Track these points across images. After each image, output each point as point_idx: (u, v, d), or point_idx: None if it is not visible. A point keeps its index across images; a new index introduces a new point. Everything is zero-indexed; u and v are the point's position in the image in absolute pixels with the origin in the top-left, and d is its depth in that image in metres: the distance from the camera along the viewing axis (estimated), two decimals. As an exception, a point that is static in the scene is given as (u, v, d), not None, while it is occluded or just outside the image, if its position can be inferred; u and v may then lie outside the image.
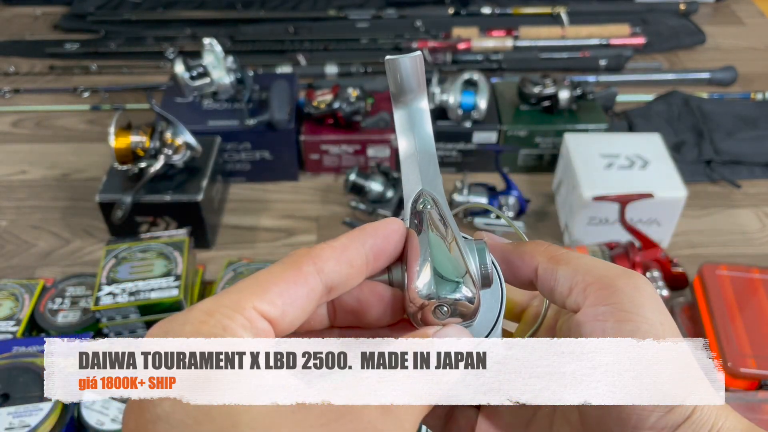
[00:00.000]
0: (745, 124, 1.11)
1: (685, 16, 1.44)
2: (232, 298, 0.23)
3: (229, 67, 1.01)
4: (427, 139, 0.31)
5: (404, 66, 0.29)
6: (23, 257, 0.92)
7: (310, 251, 0.25)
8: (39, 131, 1.16)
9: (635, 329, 0.25)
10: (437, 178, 0.30)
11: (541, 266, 0.28)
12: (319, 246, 0.26)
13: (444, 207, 0.29)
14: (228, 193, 1.02)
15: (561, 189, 0.97)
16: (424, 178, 0.30)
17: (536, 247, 0.29)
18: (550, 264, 0.28)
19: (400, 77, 0.29)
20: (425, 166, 0.31)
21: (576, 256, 0.28)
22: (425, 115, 0.31)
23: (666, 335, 0.25)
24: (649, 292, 0.26)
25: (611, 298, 0.26)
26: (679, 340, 0.23)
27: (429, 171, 0.30)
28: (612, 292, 0.26)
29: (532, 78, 1.03)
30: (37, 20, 1.48)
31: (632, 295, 0.25)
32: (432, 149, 0.31)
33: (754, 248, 0.92)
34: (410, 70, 0.29)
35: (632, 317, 0.25)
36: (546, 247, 0.29)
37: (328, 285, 0.25)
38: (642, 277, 0.27)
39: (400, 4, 1.43)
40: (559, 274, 0.28)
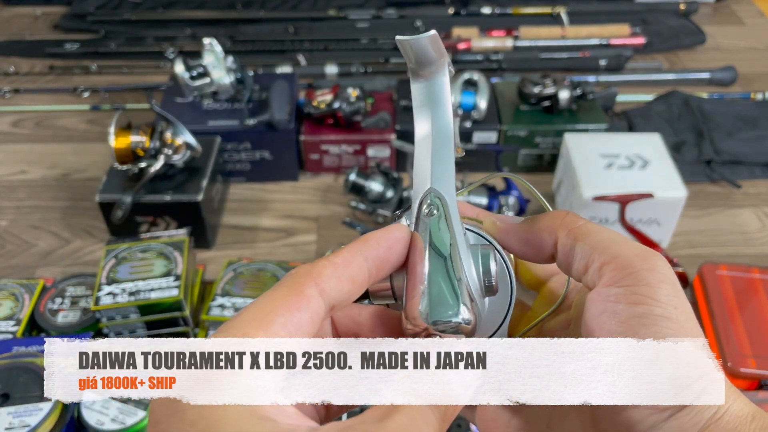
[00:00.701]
0: (745, 124, 1.11)
1: (685, 16, 1.44)
2: (239, 334, 0.23)
3: (229, 67, 1.01)
4: (446, 119, 0.29)
5: (419, 44, 0.27)
6: (23, 257, 0.92)
7: (311, 271, 0.25)
8: (39, 131, 1.16)
9: (647, 312, 0.24)
10: (449, 167, 0.29)
11: (560, 242, 0.28)
12: (321, 263, 0.25)
13: (451, 208, 0.28)
14: (228, 193, 1.02)
15: (561, 189, 0.97)
16: (435, 170, 0.29)
17: (553, 221, 0.29)
18: (568, 239, 0.28)
19: (414, 54, 0.27)
20: (439, 154, 0.29)
21: (595, 230, 0.27)
22: (445, 90, 0.29)
23: (680, 319, 0.24)
24: (665, 273, 0.25)
25: (625, 280, 0.25)
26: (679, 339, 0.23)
27: (443, 160, 0.29)
28: (627, 274, 0.25)
29: (532, 78, 1.03)
30: (37, 20, 1.48)
31: (647, 276, 0.25)
32: (449, 131, 0.29)
33: (754, 248, 0.92)
34: (427, 47, 0.27)
35: (645, 300, 0.24)
36: (563, 218, 0.29)
37: (330, 304, 0.25)
38: (660, 257, 0.26)
39: (400, 4, 1.43)
40: (577, 250, 0.27)
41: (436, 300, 0.26)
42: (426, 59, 0.27)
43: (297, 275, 0.25)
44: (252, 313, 0.24)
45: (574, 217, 0.28)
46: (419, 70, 0.28)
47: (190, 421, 0.21)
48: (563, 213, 0.28)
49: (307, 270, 0.25)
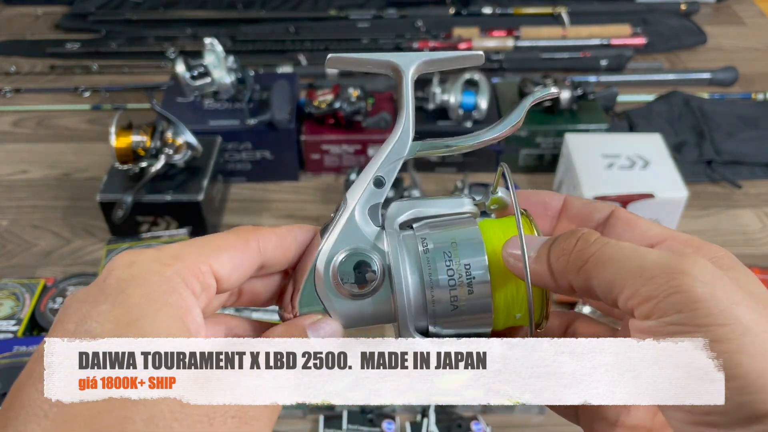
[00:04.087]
0: (745, 124, 1.11)
1: (686, 17, 1.44)
2: (195, 251, 0.26)
3: (230, 66, 1.01)
4: (405, 126, 0.31)
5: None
6: (24, 257, 0.92)
7: (257, 230, 0.28)
8: (40, 131, 1.16)
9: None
10: (364, 176, 0.30)
11: (575, 284, 0.26)
12: (265, 229, 0.29)
13: (343, 214, 0.30)
14: (229, 192, 1.02)
15: (562, 189, 0.97)
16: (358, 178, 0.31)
17: (562, 263, 0.26)
18: (581, 281, 0.25)
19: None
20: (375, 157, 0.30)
21: (606, 258, 0.25)
22: (409, 95, 0.30)
23: (735, 319, 0.22)
24: (695, 289, 0.22)
25: (657, 312, 0.22)
26: (679, 339, 0.23)
27: (366, 169, 0.30)
28: (655, 306, 0.23)
29: (533, 78, 1.03)
30: (38, 20, 1.48)
31: (677, 302, 0.22)
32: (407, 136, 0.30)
33: (755, 248, 0.92)
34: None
35: (684, 329, 0.22)
36: (571, 253, 0.26)
37: (263, 263, 0.28)
38: (687, 263, 0.23)
39: (401, 4, 1.43)
40: (596, 290, 0.25)
41: (302, 295, 0.29)
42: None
43: (244, 230, 0.28)
44: (206, 242, 0.27)
45: (583, 244, 0.26)
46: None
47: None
48: (571, 244, 0.26)
49: (254, 228, 0.28)
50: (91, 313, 0.23)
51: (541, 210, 0.31)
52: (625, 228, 0.28)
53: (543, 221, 0.31)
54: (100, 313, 0.23)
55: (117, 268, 0.24)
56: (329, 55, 0.30)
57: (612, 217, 0.29)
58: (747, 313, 0.22)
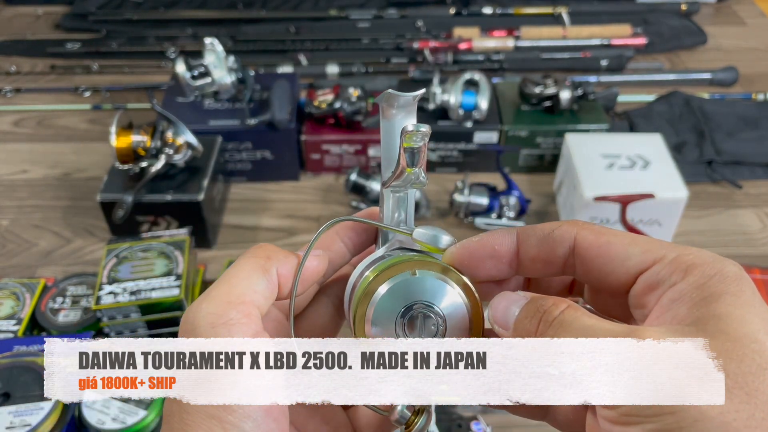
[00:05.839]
0: (746, 124, 1.11)
1: (687, 17, 1.44)
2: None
3: (231, 66, 1.01)
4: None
5: (404, 100, 0.30)
6: (24, 256, 0.92)
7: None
8: (40, 130, 1.16)
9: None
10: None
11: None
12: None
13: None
14: (229, 192, 1.02)
15: (562, 189, 0.97)
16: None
17: (570, 226, 0.27)
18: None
19: (392, 103, 0.31)
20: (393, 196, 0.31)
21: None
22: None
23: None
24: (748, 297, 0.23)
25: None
26: (679, 339, 0.23)
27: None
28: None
29: (534, 78, 1.03)
30: (39, 20, 1.48)
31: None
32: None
33: (755, 249, 0.92)
34: (409, 102, 0.30)
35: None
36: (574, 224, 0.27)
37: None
38: (734, 275, 0.23)
39: (401, 4, 1.43)
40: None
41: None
42: (403, 107, 0.30)
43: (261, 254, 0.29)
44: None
45: (544, 327, 0.26)
46: (391, 112, 0.31)
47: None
48: (534, 325, 0.26)
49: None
50: None
51: (492, 264, 0.28)
52: (597, 261, 0.26)
53: (501, 272, 0.29)
54: None
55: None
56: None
57: (578, 248, 0.27)
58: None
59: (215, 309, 0.25)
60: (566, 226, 0.27)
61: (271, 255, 0.29)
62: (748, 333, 0.22)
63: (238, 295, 0.26)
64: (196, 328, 0.25)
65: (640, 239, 0.26)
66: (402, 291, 0.27)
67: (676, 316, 0.23)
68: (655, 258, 0.25)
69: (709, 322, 0.22)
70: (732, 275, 0.23)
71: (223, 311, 0.25)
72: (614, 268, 0.26)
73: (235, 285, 0.26)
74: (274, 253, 0.29)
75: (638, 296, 0.25)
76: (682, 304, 0.23)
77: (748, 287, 0.23)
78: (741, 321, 0.22)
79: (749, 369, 0.21)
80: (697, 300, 0.23)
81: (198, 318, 0.25)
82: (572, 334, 0.24)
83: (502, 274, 0.29)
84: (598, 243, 0.26)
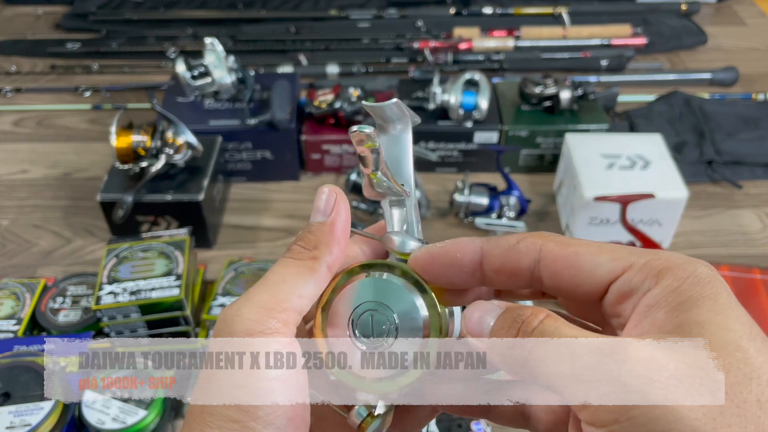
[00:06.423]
0: (746, 124, 1.11)
1: (687, 17, 1.44)
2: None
3: (231, 66, 1.01)
4: (407, 172, 0.31)
5: (384, 110, 0.29)
6: (24, 256, 0.92)
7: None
8: (40, 130, 1.16)
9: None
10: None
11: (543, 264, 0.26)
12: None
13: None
14: (229, 192, 1.02)
15: (562, 189, 0.97)
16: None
17: (534, 239, 0.26)
18: (529, 377, 0.24)
19: (380, 116, 0.29)
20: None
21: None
22: (408, 145, 0.30)
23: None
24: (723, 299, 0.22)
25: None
26: (679, 339, 0.23)
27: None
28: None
29: (534, 78, 1.03)
30: (39, 19, 1.48)
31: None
32: (410, 182, 0.30)
33: (756, 249, 0.92)
34: (392, 111, 0.29)
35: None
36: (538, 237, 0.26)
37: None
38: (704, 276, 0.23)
39: (402, 4, 1.43)
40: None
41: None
42: (390, 119, 0.30)
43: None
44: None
45: (522, 337, 0.25)
46: (386, 126, 0.30)
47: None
48: (512, 335, 0.25)
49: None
50: None
51: (453, 273, 0.27)
52: (566, 273, 0.25)
53: (463, 282, 0.28)
54: None
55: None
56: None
57: (544, 260, 0.26)
58: (686, 397, 0.21)
59: (255, 315, 0.25)
60: (531, 239, 0.26)
61: (318, 255, 0.28)
62: (731, 341, 0.21)
63: (279, 301, 0.25)
64: (232, 333, 0.25)
65: (607, 247, 0.25)
66: (355, 293, 0.27)
67: (655, 323, 0.23)
68: (625, 266, 0.24)
69: (692, 329, 0.22)
70: (705, 277, 0.23)
71: (262, 318, 0.25)
72: (583, 279, 0.25)
73: (278, 291, 0.26)
74: (321, 247, 0.28)
75: (612, 305, 0.25)
76: (659, 310, 0.23)
77: (723, 289, 0.23)
78: (723, 328, 0.22)
79: (735, 379, 0.21)
80: (674, 305, 0.23)
81: (236, 323, 0.25)
82: (553, 349, 0.23)
83: (465, 284, 0.28)
84: (564, 254, 0.25)
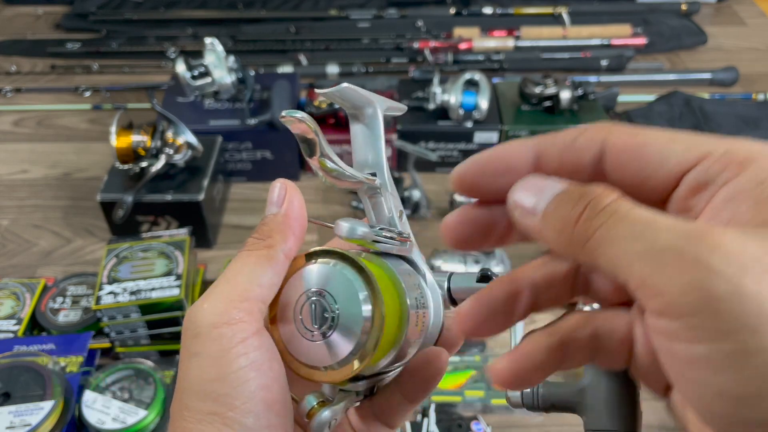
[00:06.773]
0: (746, 124, 1.11)
1: (687, 17, 1.44)
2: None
3: (231, 66, 1.01)
4: (380, 157, 0.31)
5: (343, 93, 0.29)
6: (24, 256, 0.92)
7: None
8: (40, 130, 1.16)
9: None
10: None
11: (582, 262, 0.22)
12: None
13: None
14: (229, 192, 1.02)
15: (562, 189, 0.97)
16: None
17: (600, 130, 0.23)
18: (586, 260, 0.21)
19: (346, 101, 0.30)
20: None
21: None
22: (379, 131, 0.31)
23: None
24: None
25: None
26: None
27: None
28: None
29: (534, 78, 1.03)
30: (39, 20, 1.48)
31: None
32: (382, 168, 0.31)
33: (756, 249, 0.92)
34: (351, 94, 0.29)
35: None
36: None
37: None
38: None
39: (402, 4, 1.43)
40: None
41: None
42: (356, 105, 0.30)
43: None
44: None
45: (590, 213, 0.21)
46: (357, 114, 0.31)
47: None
48: (576, 212, 0.21)
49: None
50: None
51: (506, 183, 0.24)
52: (632, 166, 0.22)
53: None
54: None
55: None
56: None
57: (609, 154, 0.23)
58: None
59: (217, 308, 0.25)
60: (591, 131, 0.23)
61: (273, 243, 0.28)
62: None
63: (240, 292, 0.26)
64: (198, 328, 0.25)
65: (681, 136, 0.22)
66: (299, 282, 0.27)
67: (736, 217, 0.19)
68: (700, 155, 0.21)
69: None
70: None
71: (224, 310, 0.25)
72: (653, 171, 0.22)
73: (237, 282, 0.26)
74: (275, 236, 0.29)
75: (682, 200, 0.21)
76: (741, 203, 0.19)
77: None
78: None
79: None
80: (761, 198, 0.19)
81: (200, 318, 0.25)
82: (627, 227, 0.19)
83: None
84: (631, 146, 0.22)
